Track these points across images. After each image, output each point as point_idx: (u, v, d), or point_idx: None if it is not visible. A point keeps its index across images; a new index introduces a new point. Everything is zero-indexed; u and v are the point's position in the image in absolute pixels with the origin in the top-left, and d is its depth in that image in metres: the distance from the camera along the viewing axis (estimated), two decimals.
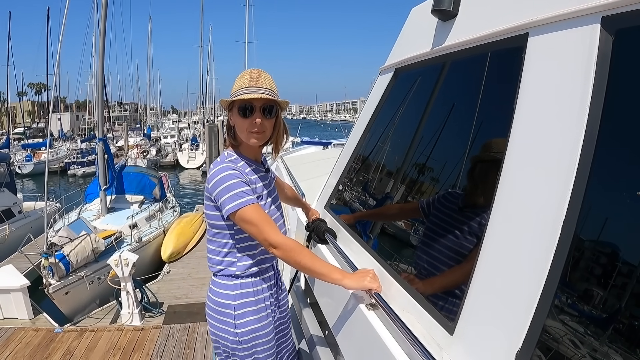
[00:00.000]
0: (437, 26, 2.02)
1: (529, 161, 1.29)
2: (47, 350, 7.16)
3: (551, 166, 1.19)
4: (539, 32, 1.36)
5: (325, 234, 2.64)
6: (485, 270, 1.35)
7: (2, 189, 15.53)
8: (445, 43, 1.93)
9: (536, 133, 1.29)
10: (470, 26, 1.77)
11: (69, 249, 9.38)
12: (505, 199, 1.34)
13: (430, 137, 2.12)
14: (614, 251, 1.06)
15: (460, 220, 1.66)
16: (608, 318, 1.04)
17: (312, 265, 2.05)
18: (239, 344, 2.22)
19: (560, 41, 1.26)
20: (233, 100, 2.16)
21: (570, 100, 1.17)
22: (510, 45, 1.50)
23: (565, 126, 1.17)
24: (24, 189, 25.88)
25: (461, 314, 1.39)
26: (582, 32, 1.18)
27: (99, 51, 14.20)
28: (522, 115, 1.35)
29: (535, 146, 1.27)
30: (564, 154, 1.14)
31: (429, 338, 1.51)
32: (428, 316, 1.57)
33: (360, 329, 1.94)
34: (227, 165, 2.13)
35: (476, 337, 1.34)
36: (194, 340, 7.43)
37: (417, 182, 2.18)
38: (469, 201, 1.70)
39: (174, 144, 48.57)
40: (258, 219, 2.05)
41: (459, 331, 1.39)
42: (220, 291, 2.24)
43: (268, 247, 2.06)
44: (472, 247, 1.53)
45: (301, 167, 6.40)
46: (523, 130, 1.33)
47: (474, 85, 1.82)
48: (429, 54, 2.10)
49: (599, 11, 1.13)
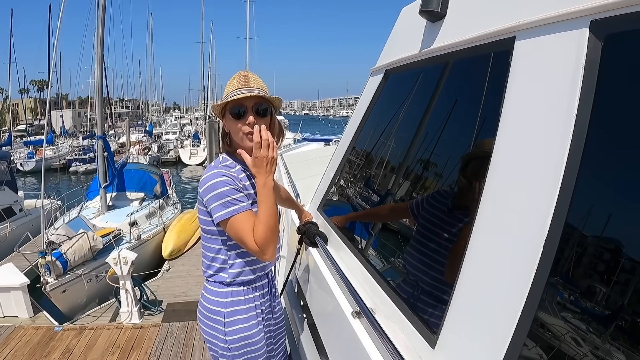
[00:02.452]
0: (425, 27, 1.98)
1: (514, 167, 1.25)
2: (47, 349, 7.14)
3: (536, 172, 1.16)
4: (526, 35, 1.32)
5: (315, 237, 2.62)
6: (467, 283, 1.32)
7: (3, 187, 15.48)
8: (433, 45, 1.89)
9: (522, 138, 1.25)
10: (458, 28, 1.74)
11: (66, 247, 9.37)
12: (489, 207, 1.30)
13: (420, 139, 2.09)
14: (600, 264, 1.03)
15: (445, 227, 1.64)
16: (593, 331, 1.01)
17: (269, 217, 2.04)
18: (228, 350, 2.21)
19: (548, 45, 1.22)
20: (225, 103, 2.13)
21: (557, 105, 1.13)
22: (496, 49, 1.47)
23: (552, 131, 1.13)
24: (26, 187, 25.99)
25: (443, 327, 1.36)
26: (570, 36, 1.13)
27: (98, 48, 14.14)
28: (508, 121, 1.31)
29: (521, 152, 1.24)
30: (550, 161, 1.11)
31: (411, 350, 1.48)
32: (411, 327, 1.54)
33: (345, 337, 1.92)
34: (220, 171, 2.10)
35: (457, 351, 1.31)
36: (193, 338, 7.40)
37: (407, 184, 2.15)
38: (454, 207, 1.67)
39: (175, 141, 48.65)
40: (244, 230, 2.02)
41: (441, 344, 1.36)
42: (212, 298, 2.22)
43: (256, 253, 2.04)
44: (455, 253, 1.49)
45: (300, 165, 6.39)
46: (508, 135, 1.30)
47: (461, 88, 1.80)
48: (417, 55, 2.06)
49: (587, 14, 1.08)
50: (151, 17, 71.92)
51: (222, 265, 2.20)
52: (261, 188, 2.07)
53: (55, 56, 14.87)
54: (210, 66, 61.15)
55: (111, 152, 14.59)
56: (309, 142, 16.09)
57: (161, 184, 16.37)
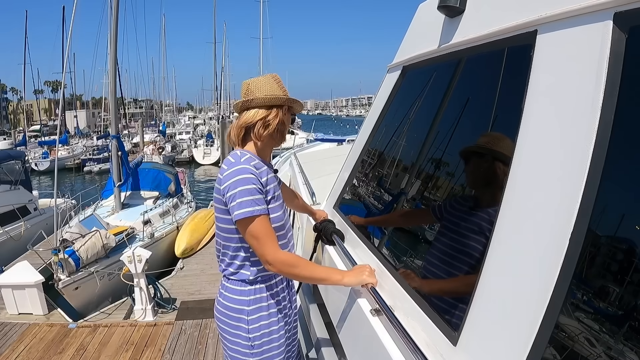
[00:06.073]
0: (444, 23, 1.97)
1: (537, 164, 1.23)
2: (61, 345, 7.20)
3: (560, 169, 1.14)
4: (548, 29, 1.30)
5: (332, 235, 2.61)
6: (489, 279, 1.30)
7: (18, 187, 15.58)
8: (452, 40, 1.88)
9: (545, 133, 1.23)
10: (477, 22, 1.72)
11: (79, 245, 9.45)
12: (512, 205, 1.28)
13: (439, 136, 2.06)
14: (623, 263, 1.00)
15: (467, 226, 1.61)
16: (616, 329, 0.99)
17: (311, 274, 2.15)
18: (251, 348, 2.20)
19: (571, 38, 1.20)
20: (295, 103, 2.30)
21: (581, 99, 1.11)
22: (518, 43, 1.45)
23: (576, 126, 1.11)
24: (41, 186, 26.15)
25: (465, 324, 1.35)
26: (593, 30, 1.11)
27: (112, 49, 14.23)
28: (531, 115, 1.29)
29: (544, 148, 1.22)
30: (575, 158, 1.09)
31: (432, 347, 1.46)
32: (432, 325, 1.52)
33: (364, 334, 1.91)
34: (246, 167, 2.08)
35: (479, 348, 1.29)
36: (206, 336, 7.43)
37: (426, 183, 2.12)
38: (475, 206, 1.65)
39: (189, 140, 48.81)
40: (261, 232, 2.04)
41: (463, 342, 1.35)
42: (234, 297, 2.21)
43: (264, 263, 2.07)
44: (477, 251, 1.47)
45: (314, 164, 6.37)
46: (531, 130, 1.28)
47: (482, 83, 1.78)
48: (436, 51, 2.04)
49: (611, 7, 1.06)
50: (164, 17, 72.32)
51: (242, 262, 2.18)
52: (338, 274, 2.13)
53: (69, 57, 14.97)
54: (223, 66, 61.38)
55: (125, 152, 14.66)
56: (321, 142, 16.04)
57: (176, 183, 16.38)
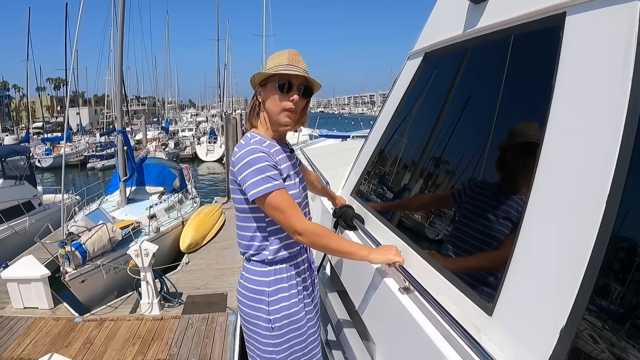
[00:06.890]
0: (468, 8, 1.97)
1: (568, 144, 1.25)
2: (67, 339, 7.23)
3: (592, 150, 1.16)
4: (576, 10, 1.32)
5: (353, 219, 2.63)
6: (525, 250, 1.32)
7: (22, 182, 15.62)
8: (477, 25, 1.89)
9: (576, 117, 1.25)
10: (504, 6, 1.73)
11: (86, 238, 9.46)
12: (544, 183, 1.31)
13: (462, 123, 2.07)
14: None
15: (495, 204, 1.62)
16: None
17: (339, 247, 2.12)
18: (271, 330, 2.19)
19: (599, 20, 1.22)
20: (273, 74, 2.10)
21: (610, 82, 1.13)
22: (546, 26, 1.46)
23: (606, 110, 1.13)
24: (44, 182, 26.15)
25: (500, 295, 1.37)
26: (622, 10, 1.13)
27: (118, 45, 14.22)
28: (561, 99, 1.31)
29: (575, 129, 1.24)
30: (605, 139, 1.11)
31: (466, 320, 1.48)
32: (464, 298, 1.54)
33: (392, 313, 1.92)
34: (254, 147, 2.05)
35: (516, 317, 1.31)
36: (213, 330, 7.46)
37: (448, 169, 2.14)
38: (506, 185, 1.66)
39: (191, 137, 48.92)
40: (284, 204, 2.01)
41: (498, 312, 1.37)
42: (254, 278, 2.20)
43: (293, 233, 2.04)
44: (508, 227, 1.49)
45: (323, 157, 6.37)
46: (562, 114, 1.29)
47: (508, 68, 1.77)
48: (461, 36, 2.05)
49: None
50: (167, 15, 72.46)
51: (261, 243, 2.18)
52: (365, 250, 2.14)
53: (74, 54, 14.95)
54: (226, 63, 61.36)
55: (131, 147, 14.67)
56: (325, 138, 16.00)
57: (180, 179, 16.37)
